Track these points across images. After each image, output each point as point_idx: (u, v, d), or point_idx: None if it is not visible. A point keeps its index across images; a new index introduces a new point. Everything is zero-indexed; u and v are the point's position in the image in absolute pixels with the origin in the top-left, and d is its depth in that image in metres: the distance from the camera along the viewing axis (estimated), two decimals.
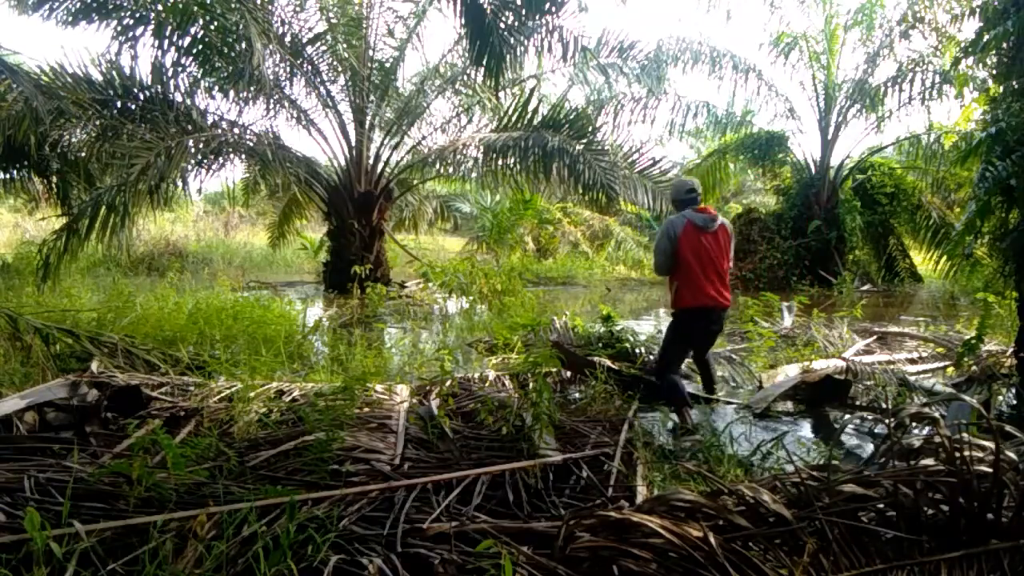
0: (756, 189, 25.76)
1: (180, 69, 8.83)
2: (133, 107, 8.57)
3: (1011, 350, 4.74)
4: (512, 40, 6.40)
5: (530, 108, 10.23)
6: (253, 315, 6.30)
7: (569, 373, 4.94)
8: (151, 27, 8.36)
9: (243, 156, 10.08)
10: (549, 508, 2.57)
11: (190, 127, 8.73)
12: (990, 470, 2.00)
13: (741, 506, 2.06)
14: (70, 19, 8.14)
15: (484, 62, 6.26)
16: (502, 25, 6.14)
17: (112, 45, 8.35)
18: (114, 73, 8.47)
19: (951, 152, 12.30)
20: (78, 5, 8.10)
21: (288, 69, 10.25)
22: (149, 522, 2.13)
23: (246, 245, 18.45)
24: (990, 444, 2.10)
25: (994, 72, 4.67)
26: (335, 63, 10.83)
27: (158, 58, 8.63)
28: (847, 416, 4.53)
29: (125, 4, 8.24)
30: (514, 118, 10.31)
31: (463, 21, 6.26)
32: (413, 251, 13.62)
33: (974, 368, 4.94)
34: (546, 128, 9.87)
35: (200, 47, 8.68)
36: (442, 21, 24.09)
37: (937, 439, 2.14)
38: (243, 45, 8.48)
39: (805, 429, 4.27)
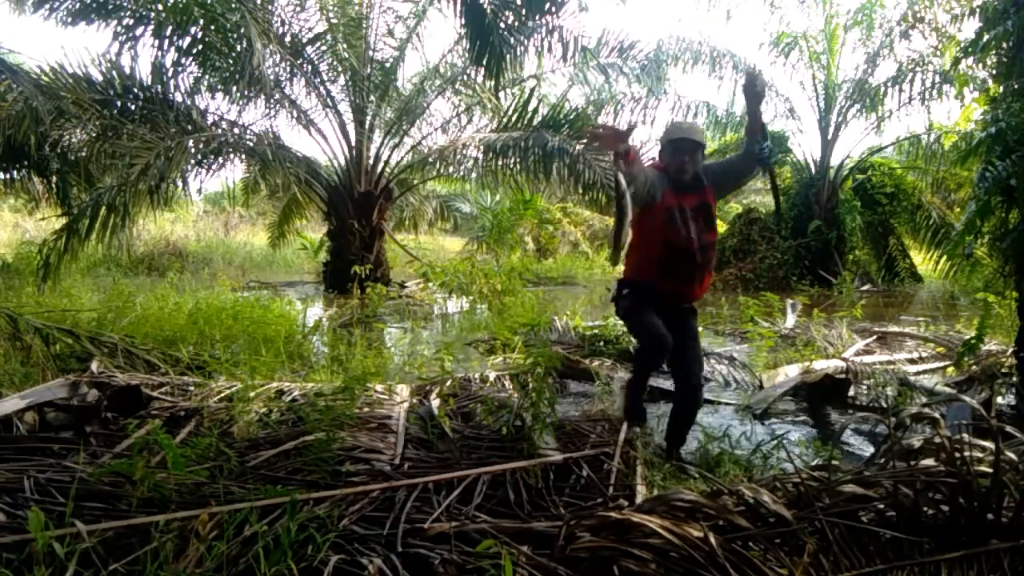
0: (756, 189, 25.73)
1: (180, 69, 8.82)
2: (133, 107, 8.56)
3: (1011, 350, 4.73)
4: (512, 40, 6.41)
5: (530, 108, 10.23)
6: (253, 315, 6.29)
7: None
8: (151, 27, 8.35)
9: (243, 156, 10.08)
10: (549, 507, 2.57)
11: (190, 127, 8.73)
12: (990, 470, 2.00)
13: (741, 506, 2.06)
14: (70, 19, 8.13)
15: (484, 62, 6.26)
16: (502, 25, 6.14)
17: (112, 45, 8.34)
18: (114, 73, 8.46)
19: (951, 152, 12.29)
20: (78, 5, 8.09)
21: (288, 69, 10.24)
22: (151, 522, 2.13)
23: (246, 245, 18.44)
24: (990, 444, 2.10)
25: (994, 72, 4.66)
26: (335, 63, 10.82)
27: (158, 58, 8.63)
28: (847, 416, 4.53)
29: (125, 4, 8.23)
30: (514, 118, 10.30)
31: (463, 21, 6.26)
32: (413, 251, 13.62)
33: (974, 368, 4.94)
34: (546, 128, 9.87)
35: (200, 47, 8.68)
36: (442, 21, 24.16)
37: (937, 439, 2.14)
38: (243, 45, 8.47)
39: (805, 429, 4.27)
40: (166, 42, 8.44)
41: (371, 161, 11.65)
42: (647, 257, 3.34)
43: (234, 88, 9.03)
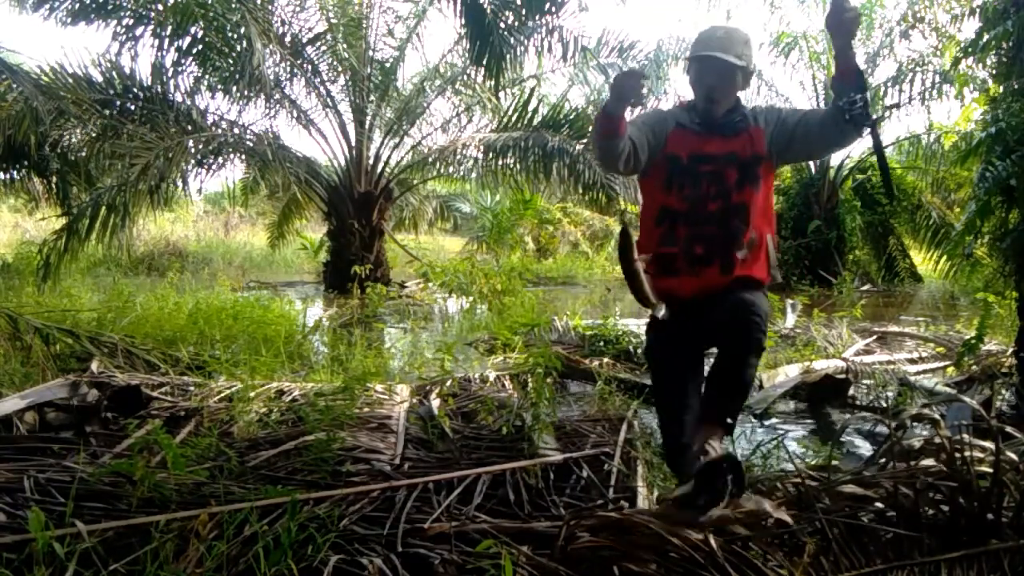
0: None
1: (180, 69, 8.83)
2: (133, 107, 8.58)
3: (1011, 350, 4.73)
4: (512, 40, 6.43)
5: (530, 108, 10.24)
6: (253, 315, 6.29)
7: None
8: (151, 27, 8.37)
9: (243, 156, 10.09)
10: (549, 507, 2.57)
11: (190, 127, 8.74)
12: (990, 470, 2.00)
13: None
14: (70, 19, 8.14)
15: (484, 62, 6.27)
16: (502, 25, 6.15)
17: (112, 45, 8.36)
18: (114, 73, 8.47)
19: (951, 152, 12.29)
20: (78, 5, 8.10)
21: (288, 69, 10.25)
22: (151, 522, 2.13)
23: (246, 245, 18.43)
24: (990, 444, 2.10)
25: (994, 72, 4.66)
26: (335, 63, 10.83)
27: (158, 58, 8.65)
28: (847, 416, 4.53)
29: (125, 4, 8.24)
30: (514, 118, 10.31)
31: (463, 21, 6.27)
32: (413, 251, 13.62)
33: (974, 368, 4.94)
34: (546, 128, 9.88)
35: (200, 47, 8.68)
36: (442, 21, 24.17)
37: (937, 440, 2.14)
38: (243, 45, 8.48)
39: (805, 429, 4.27)
40: (166, 42, 8.45)
41: (371, 161, 11.65)
42: (644, 236, 2.44)
43: (234, 88, 9.04)
